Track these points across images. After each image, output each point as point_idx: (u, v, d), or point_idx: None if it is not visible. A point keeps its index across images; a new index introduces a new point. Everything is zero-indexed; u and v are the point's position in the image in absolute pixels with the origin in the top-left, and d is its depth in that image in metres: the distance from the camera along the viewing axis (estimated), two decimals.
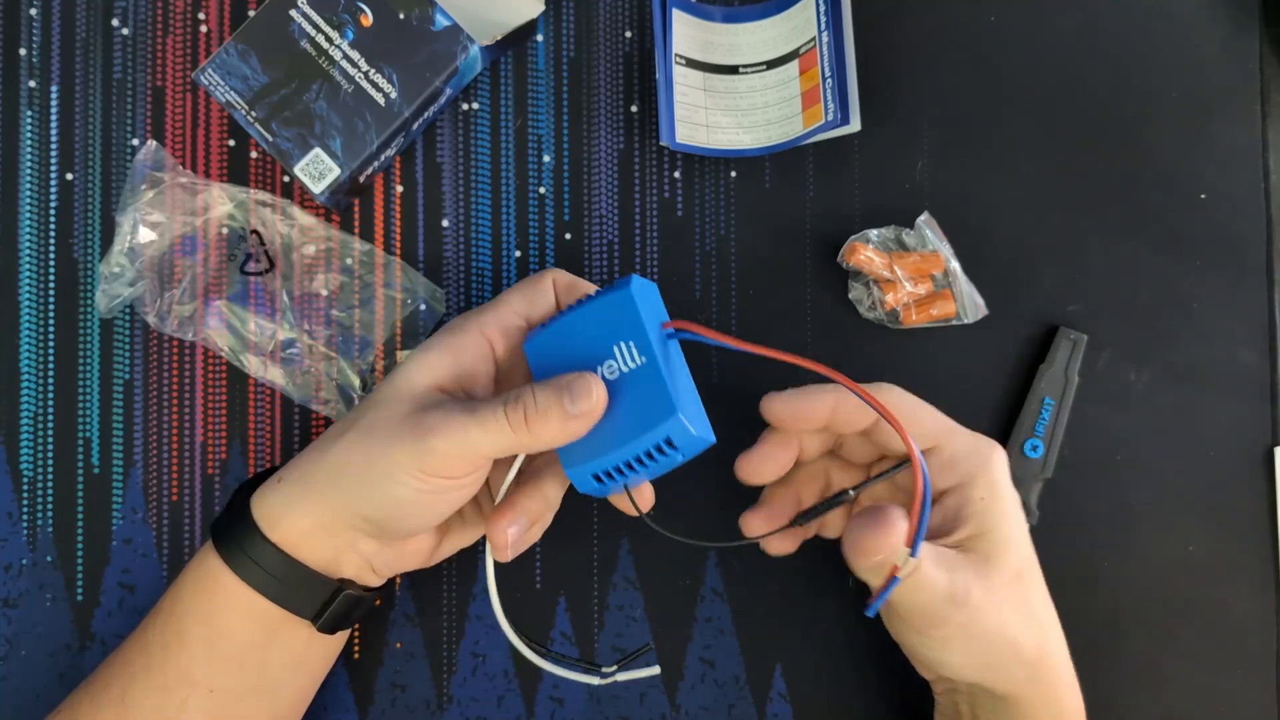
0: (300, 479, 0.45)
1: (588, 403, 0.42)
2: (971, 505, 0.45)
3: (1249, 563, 0.55)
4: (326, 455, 0.45)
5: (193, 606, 0.46)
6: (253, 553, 0.45)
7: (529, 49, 0.55)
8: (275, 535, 0.45)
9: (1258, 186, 0.57)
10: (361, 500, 0.44)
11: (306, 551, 0.45)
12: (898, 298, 0.53)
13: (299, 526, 0.45)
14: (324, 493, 0.44)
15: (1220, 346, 0.56)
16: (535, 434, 0.42)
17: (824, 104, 0.53)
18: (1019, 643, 0.45)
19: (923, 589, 0.43)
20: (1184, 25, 0.57)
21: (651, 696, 0.54)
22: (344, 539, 0.45)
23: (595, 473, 0.43)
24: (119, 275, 0.51)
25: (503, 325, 0.46)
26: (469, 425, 0.42)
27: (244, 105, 0.50)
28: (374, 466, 0.43)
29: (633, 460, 0.42)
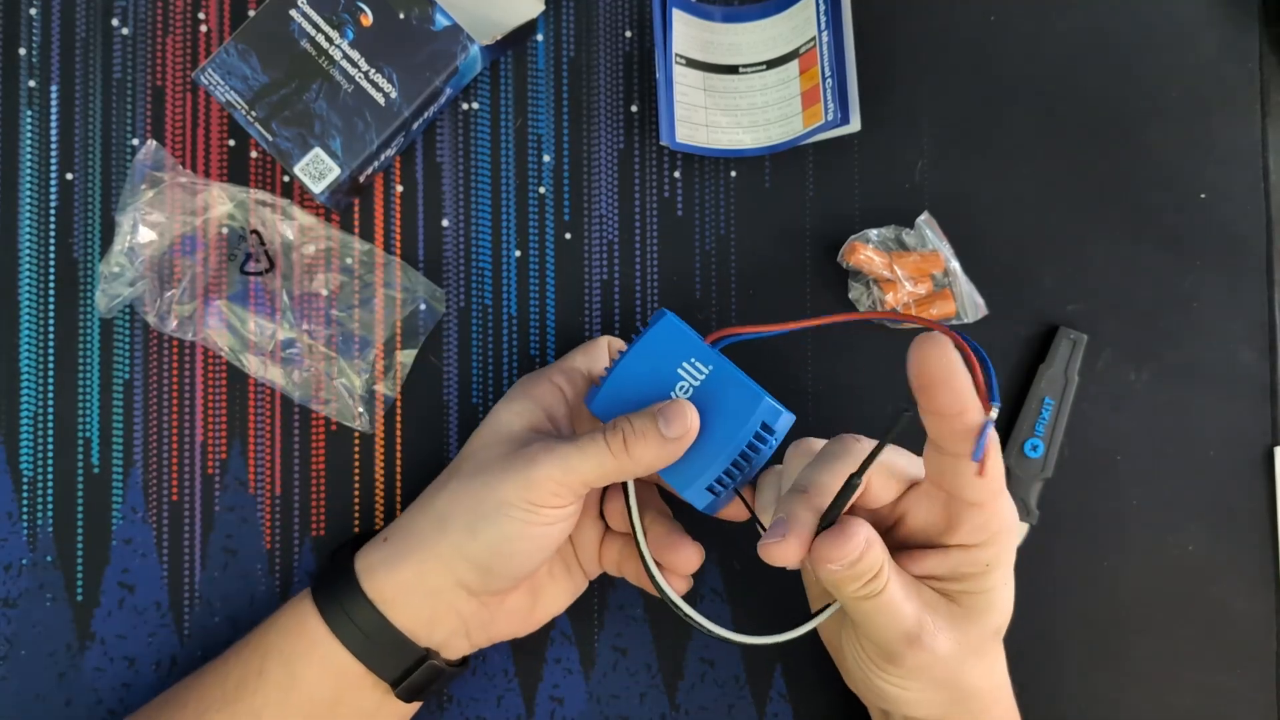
0: (405, 533, 0.47)
1: (682, 425, 0.43)
2: (972, 567, 0.43)
3: (1249, 563, 0.55)
4: (433, 505, 0.46)
5: (276, 646, 0.46)
6: (347, 604, 0.45)
7: (529, 49, 0.55)
8: (372, 590, 0.45)
9: (1258, 186, 0.57)
10: (469, 541, 0.45)
11: (401, 612, 0.45)
12: (898, 297, 0.53)
13: (398, 581, 0.45)
14: (430, 540, 0.45)
15: (1220, 346, 0.56)
16: (635, 457, 0.43)
17: (824, 104, 0.53)
18: (979, 688, 0.44)
19: (887, 609, 0.42)
20: (1184, 25, 0.57)
21: (651, 696, 0.54)
22: (444, 599, 0.46)
23: (709, 484, 0.45)
24: (119, 275, 0.51)
25: (568, 375, 0.49)
26: (571, 453, 0.44)
27: (244, 105, 0.50)
28: (483, 504, 0.44)
29: (738, 458, 0.44)
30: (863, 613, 0.42)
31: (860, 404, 0.55)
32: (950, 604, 0.43)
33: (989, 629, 0.44)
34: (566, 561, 0.50)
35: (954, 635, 0.43)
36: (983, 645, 0.44)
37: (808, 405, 0.55)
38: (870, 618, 0.42)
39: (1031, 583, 0.55)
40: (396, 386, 0.53)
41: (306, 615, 0.46)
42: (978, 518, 0.42)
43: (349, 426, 0.53)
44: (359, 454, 0.54)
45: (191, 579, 0.53)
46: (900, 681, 0.44)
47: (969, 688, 0.44)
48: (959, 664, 0.43)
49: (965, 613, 0.43)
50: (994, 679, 0.46)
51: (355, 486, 0.53)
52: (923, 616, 0.42)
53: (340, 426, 0.53)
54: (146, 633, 0.52)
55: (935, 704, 0.45)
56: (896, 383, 0.55)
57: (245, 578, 0.53)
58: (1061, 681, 0.55)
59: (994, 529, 0.42)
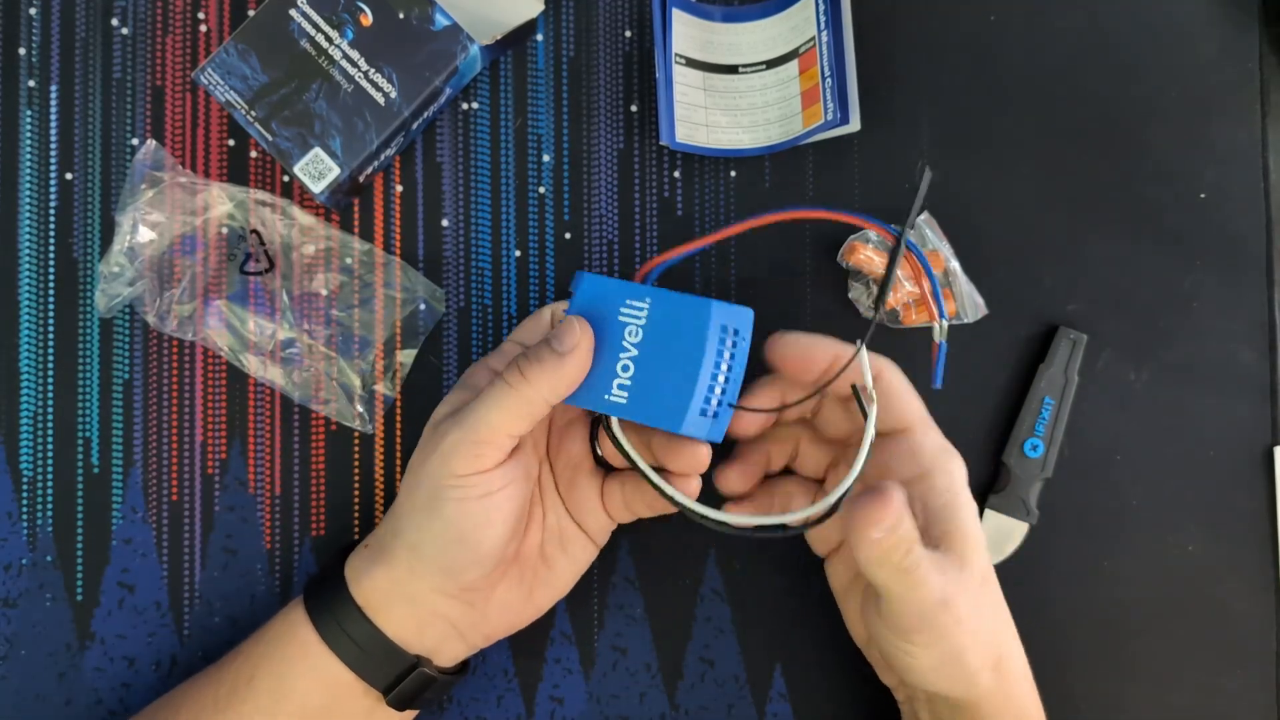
0: (377, 539, 0.47)
1: (572, 338, 0.43)
2: (937, 495, 0.44)
3: (1249, 563, 0.55)
4: (393, 513, 0.47)
5: (268, 654, 0.46)
6: (337, 611, 0.45)
7: (529, 49, 0.55)
8: (359, 596, 0.45)
9: (1258, 186, 0.57)
10: (420, 541, 0.44)
11: (389, 620, 0.45)
12: (898, 297, 0.53)
13: (378, 587, 0.45)
14: (391, 548, 0.45)
15: (1220, 346, 0.56)
16: (536, 383, 0.42)
17: (823, 103, 0.53)
18: (987, 648, 0.44)
19: (920, 587, 0.41)
20: (1184, 25, 0.57)
21: (651, 696, 0.54)
22: (425, 605, 0.45)
23: (700, 410, 0.43)
24: (118, 275, 0.51)
25: (506, 356, 0.47)
26: (474, 407, 0.43)
27: (244, 105, 0.50)
28: (417, 497, 0.44)
29: (715, 371, 0.43)
30: (896, 586, 0.41)
31: None
32: (947, 557, 0.43)
33: (978, 573, 0.43)
34: (562, 537, 0.48)
35: (960, 590, 0.42)
36: (981, 595, 0.44)
37: None
38: (902, 591, 0.41)
39: (1032, 583, 0.55)
40: (396, 386, 0.53)
41: (298, 624, 0.46)
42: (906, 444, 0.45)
43: (349, 426, 0.53)
44: (359, 454, 0.54)
45: (191, 579, 0.53)
46: (922, 649, 0.43)
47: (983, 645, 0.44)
48: (974, 619, 0.43)
49: (958, 560, 0.43)
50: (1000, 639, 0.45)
51: (355, 486, 0.53)
52: (944, 577, 0.42)
53: (340, 426, 0.53)
54: (146, 633, 0.52)
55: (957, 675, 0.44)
56: None
57: (245, 578, 0.53)
58: (1062, 681, 0.55)
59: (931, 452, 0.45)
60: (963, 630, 0.42)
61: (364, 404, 0.53)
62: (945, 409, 0.55)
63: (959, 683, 0.44)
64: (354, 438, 0.54)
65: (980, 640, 0.43)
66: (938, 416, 0.55)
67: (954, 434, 0.55)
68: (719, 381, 0.43)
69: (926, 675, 0.44)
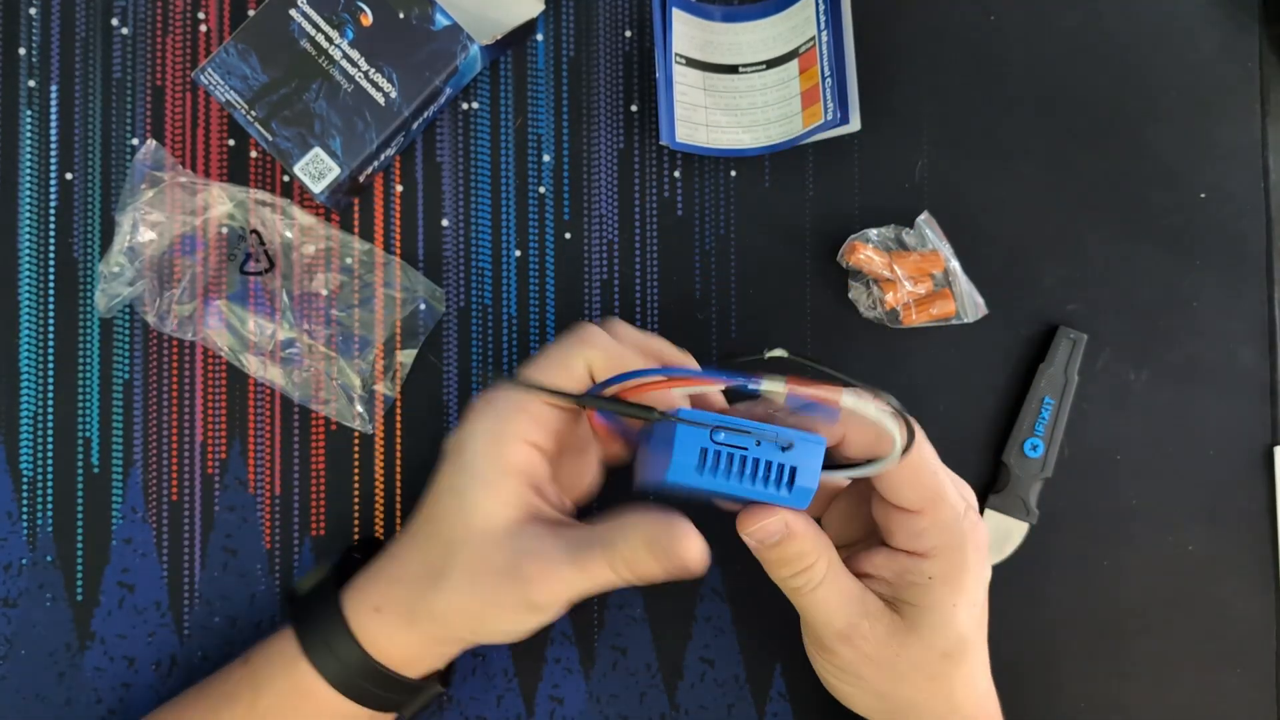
0: (402, 616, 0.44)
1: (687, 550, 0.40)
2: (915, 577, 0.43)
3: (1249, 563, 0.55)
4: (428, 601, 0.43)
5: (276, 707, 0.45)
6: (357, 672, 0.45)
7: (529, 48, 0.55)
8: (381, 655, 0.45)
9: (1258, 186, 0.57)
10: (475, 635, 0.45)
11: (415, 668, 0.46)
12: (898, 297, 0.53)
13: (407, 651, 0.45)
14: (430, 632, 0.44)
15: (1220, 346, 0.56)
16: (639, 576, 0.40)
17: (823, 103, 0.53)
18: (924, 705, 0.44)
19: (820, 607, 0.42)
20: (1184, 25, 0.57)
21: (651, 696, 0.54)
22: (453, 649, 0.47)
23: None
24: (118, 275, 0.51)
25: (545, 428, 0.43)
26: (573, 576, 0.41)
27: (244, 105, 0.50)
28: (484, 617, 0.43)
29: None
30: (799, 603, 0.43)
31: None
32: (892, 614, 0.43)
33: (934, 649, 0.43)
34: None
35: (892, 646, 0.42)
36: (927, 664, 0.43)
37: None
38: (804, 611, 0.44)
39: (1032, 583, 0.55)
40: (396, 386, 0.53)
41: (310, 680, 0.45)
42: (913, 525, 0.42)
43: (349, 426, 0.53)
44: (359, 454, 0.54)
45: (191, 579, 0.53)
46: (836, 671, 0.45)
47: (913, 704, 0.44)
48: (895, 675, 0.43)
49: (908, 626, 0.43)
50: (948, 703, 0.44)
51: (355, 486, 0.53)
52: (859, 622, 0.42)
53: (340, 426, 0.53)
54: (146, 632, 0.52)
55: (875, 708, 0.45)
56: (895, 382, 0.55)
57: (245, 577, 0.53)
58: (1062, 681, 0.55)
59: (933, 542, 0.42)
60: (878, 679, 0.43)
61: (364, 404, 0.53)
62: (946, 409, 0.55)
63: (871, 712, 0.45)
64: (354, 438, 0.54)
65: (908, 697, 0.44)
66: (938, 416, 0.55)
67: (954, 434, 0.55)
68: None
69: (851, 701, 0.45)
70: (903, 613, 0.43)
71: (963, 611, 0.43)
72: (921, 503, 0.42)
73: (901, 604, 0.43)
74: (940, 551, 0.42)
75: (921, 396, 0.55)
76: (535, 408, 0.42)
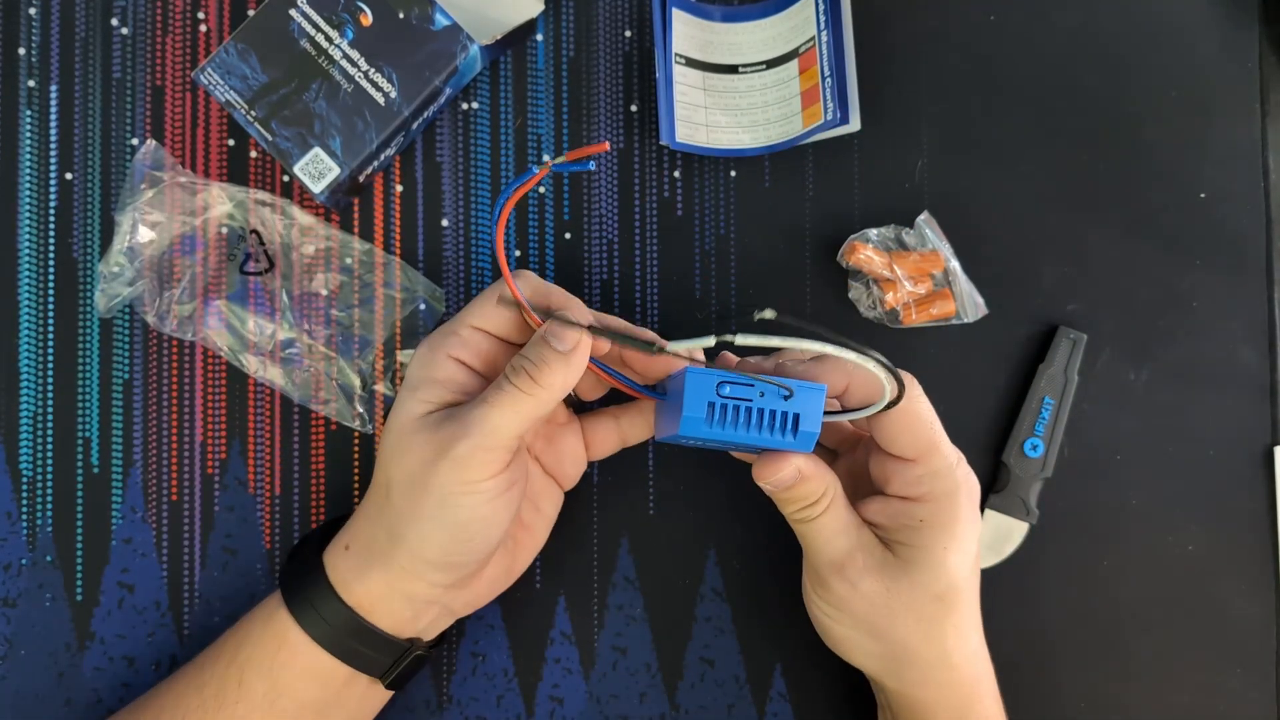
0: (364, 544, 0.46)
1: (573, 337, 0.43)
2: (908, 520, 0.45)
3: (1249, 563, 0.55)
4: (382, 516, 0.45)
5: (256, 657, 0.46)
6: (327, 615, 0.45)
7: (529, 48, 0.55)
8: (350, 598, 0.45)
9: (1257, 186, 0.57)
10: (425, 547, 0.44)
11: (383, 615, 0.45)
12: (898, 297, 0.53)
13: (373, 591, 0.45)
14: (388, 553, 0.45)
15: (1220, 346, 0.56)
16: (547, 385, 0.43)
17: (823, 103, 0.53)
18: (915, 650, 0.45)
19: (819, 534, 0.45)
20: (1184, 25, 0.57)
21: (651, 696, 0.54)
22: (421, 597, 0.45)
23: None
24: (118, 275, 0.51)
25: (473, 347, 0.46)
26: (487, 414, 0.42)
27: (243, 104, 0.50)
28: (423, 506, 0.43)
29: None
30: (802, 533, 0.46)
31: None
32: (885, 551, 0.45)
33: (926, 590, 0.45)
34: (537, 499, 0.49)
35: (882, 580, 0.45)
36: (917, 604, 0.45)
37: None
38: (805, 539, 0.46)
39: (1032, 582, 0.55)
40: (396, 386, 0.53)
41: (285, 626, 0.46)
42: (908, 472, 0.45)
43: (349, 426, 0.53)
44: (359, 454, 0.54)
45: (191, 579, 0.53)
46: (830, 610, 0.46)
47: (905, 647, 0.45)
48: (888, 614, 0.45)
49: (900, 565, 0.45)
50: (940, 649, 0.46)
51: (355, 486, 0.53)
52: (854, 552, 0.45)
53: (340, 426, 0.53)
54: (146, 632, 0.52)
55: (869, 652, 0.47)
56: None
57: (245, 578, 0.53)
58: (1062, 681, 0.55)
59: (927, 488, 0.44)
60: (869, 614, 0.45)
61: (364, 404, 0.53)
62: (946, 409, 0.55)
63: (877, 663, 0.47)
64: (354, 438, 0.54)
65: (898, 636, 0.45)
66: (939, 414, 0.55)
67: (954, 434, 0.55)
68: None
69: (840, 643, 0.47)
70: (896, 552, 0.45)
71: (953, 556, 0.45)
72: (916, 451, 0.44)
73: (896, 544, 0.45)
74: (933, 497, 0.44)
75: None
76: (464, 331, 0.45)
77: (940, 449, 0.45)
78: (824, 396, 0.42)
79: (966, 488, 0.45)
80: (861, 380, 0.45)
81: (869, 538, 0.46)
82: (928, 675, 0.46)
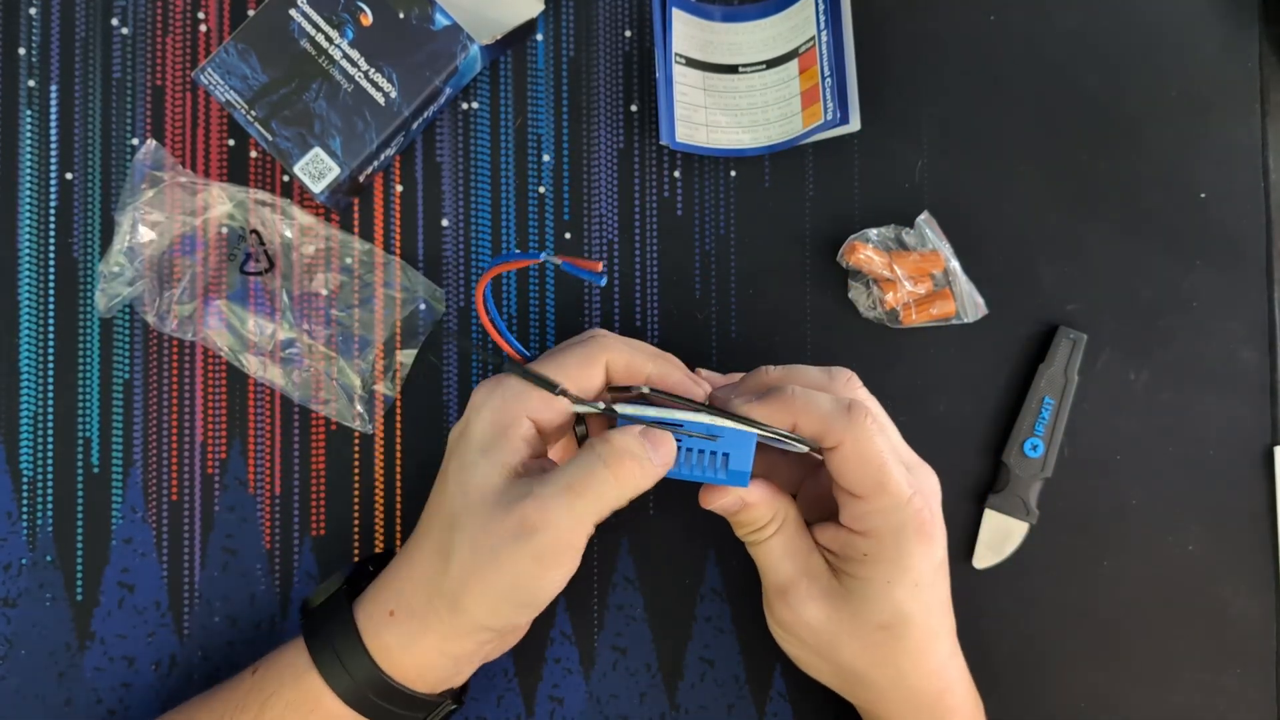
0: (414, 610, 0.44)
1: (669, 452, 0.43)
2: (853, 552, 0.45)
3: (1249, 563, 0.55)
4: (439, 584, 0.43)
5: (283, 718, 0.45)
6: (363, 681, 0.44)
7: (529, 48, 0.55)
8: (393, 670, 0.44)
9: (1257, 186, 0.56)
10: (491, 618, 0.44)
11: (427, 680, 0.45)
12: (897, 297, 0.53)
13: (420, 662, 0.44)
14: (447, 620, 0.44)
15: (1219, 346, 0.56)
16: (634, 488, 0.43)
17: (823, 103, 0.53)
18: (865, 673, 0.46)
19: (765, 556, 0.46)
20: (1184, 25, 0.57)
21: (651, 696, 0.54)
22: (467, 658, 0.45)
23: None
24: (118, 275, 0.51)
25: (551, 412, 0.44)
26: (571, 504, 0.42)
27: (243, 104, 0.50)
28: (494, 582, 0.42)
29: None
30: (750, 552, 0.47)
31: None
32: (832, 579, 0.46)
33: (869, 620, 0.45)
34: None
35: (825, 608, 0.45)
36: (861, 633, 0.45)
37: None
38: (755, 559, 0.47)
39: (1032, 582, 0.55)
40: (396, 386, 0.53)
41: (320, 692, 0.45)
42: (856, 506, 0.45)
43: (349, 426, 0.53)
44: (359, 454, 0.54)
45: (191, 579, 0.53)
46: (779, 630, 0.47)
47: (853, 671, 0.46)
48: (831, 639, 0.45)
49: (844, 594, 0.45)
50: (893, 672, 0.46)
51: (355, 486, 0.53)
52: (799, 578, 0.46)
53: (340, 426, 0.53)
54: (146, 632, 0.52)
55: (821, 671, 0.48)
56: (895, 382, 0.55)
57: (245, 578, 0.53)
58: (1061, 681, 0.55)
59: (872, 524, 0.44)
60: (815, 640, 0.46)
61: (364, 404, 0.53)
62: (946, 409, 0.55)
63: (836, 683, 0.48)
64: (354, 438, 0.54)
65: (845, 661, 0.46)
66: (938, 416, 0.55)
67: (954, 434, 0.55)
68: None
69: (798, 660, 0.48)
70: (842, 581, 0.46)
71: (899, 590, 0.44)
72: (864, 489, 0.44)
73: (842, 573, 0.46)
74: (877, 533, 0.44)
75: (922, 396, 0.55)
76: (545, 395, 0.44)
77: (888, 488, 0.44)
78: (753, 439, 0.44)
79: (915, 525, 0.44)
80: (809, 419, 0.44)
81: (818, 564, 0.46)
82: (884, 694, 0.46)
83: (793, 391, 0.44)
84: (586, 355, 0.45)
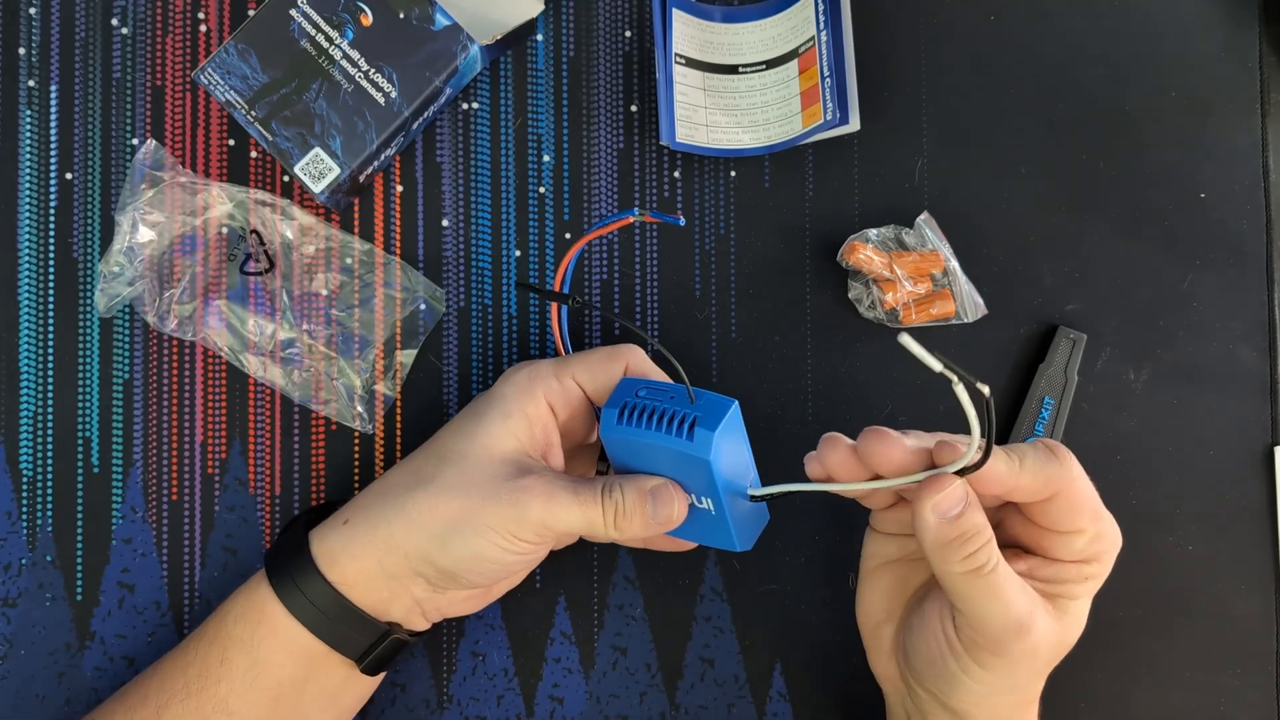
0: (369, 521, 0.46)
1: (669, 513, 0.44)
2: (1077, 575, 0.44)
3: (1249, 563, 0.55)
4: (404, 504, 0.45)
5: (237, 634, 0.46)
6: (306, 588, 0.45)
7: (529, 48, 0.55)
8: (332, 574, 0.45)
9: (1258, 186, 0.57)
10: (440, 551, 0.44)
11: (359, 592, 0.45)
12: (897, 297, 0.53)
13: (359, 567, 0.45)
14: (397, 537, 0.45)
15: (1219, 345, 0.56)
16: (621, 530, 0.44)
17: (823, 103, 0.53)
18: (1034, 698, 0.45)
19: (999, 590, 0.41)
20: (1184, 25, 0.57)
21: (651, 695, 0.54)
22: (401, 583, 0.46)
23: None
24: (118, 275, 0.51)
25: (567, 396, 0.47)
26: (571, 503, 0.43)
27: (243, 104, 0.50)
28: (463, 522, 0.44)
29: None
30: (972, 594, 0.41)
31: (859, 404, 0.55)
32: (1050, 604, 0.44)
33: (1071, 636, 0.44)
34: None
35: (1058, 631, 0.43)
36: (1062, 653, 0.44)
37: (807, 405, 0.55)
38: (979, 600, 0.41)
39: None
40: (396, 386, 0.53)
41: (265, 600, 0.46)
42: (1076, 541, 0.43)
43: (349, 426, 0.53)
44: (359, 454, 0.54)
45: (191, 579, 0.53)
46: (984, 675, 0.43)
47: (1034, 694, 0.45)
48: (1046, 665, 0.44)
49: (1058, 614, 0.43)
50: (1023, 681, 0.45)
51: (355, 487, 0.53)
52: (1035, 610, 0.42)
53: (340, 426, 0.53)
54: (146, 632, 0.52)
55: (1003, 704, 0.45)
56: (895, 382, 0.55)
57: (245, 577, 0.53)
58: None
59: (1101, 549, 0.44)
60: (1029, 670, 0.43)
61: (364, 404, 0.53)
62: (946, 408, 0.55)
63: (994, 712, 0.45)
64: (354, 438, 0.54)
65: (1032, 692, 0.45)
66: (938, 416, 0.55)
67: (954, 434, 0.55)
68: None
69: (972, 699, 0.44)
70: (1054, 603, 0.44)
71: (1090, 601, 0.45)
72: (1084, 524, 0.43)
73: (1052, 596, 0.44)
74: (1101, 556, 0.44)
75: (921, 396, 0.55)
76: (566, 382, 0.46)
77: (1101, 512, 0.43)
78: (733, 406, 0.43)
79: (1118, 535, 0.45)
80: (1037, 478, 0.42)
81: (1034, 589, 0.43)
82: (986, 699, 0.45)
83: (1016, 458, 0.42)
84: (611, 351, 0.47)
